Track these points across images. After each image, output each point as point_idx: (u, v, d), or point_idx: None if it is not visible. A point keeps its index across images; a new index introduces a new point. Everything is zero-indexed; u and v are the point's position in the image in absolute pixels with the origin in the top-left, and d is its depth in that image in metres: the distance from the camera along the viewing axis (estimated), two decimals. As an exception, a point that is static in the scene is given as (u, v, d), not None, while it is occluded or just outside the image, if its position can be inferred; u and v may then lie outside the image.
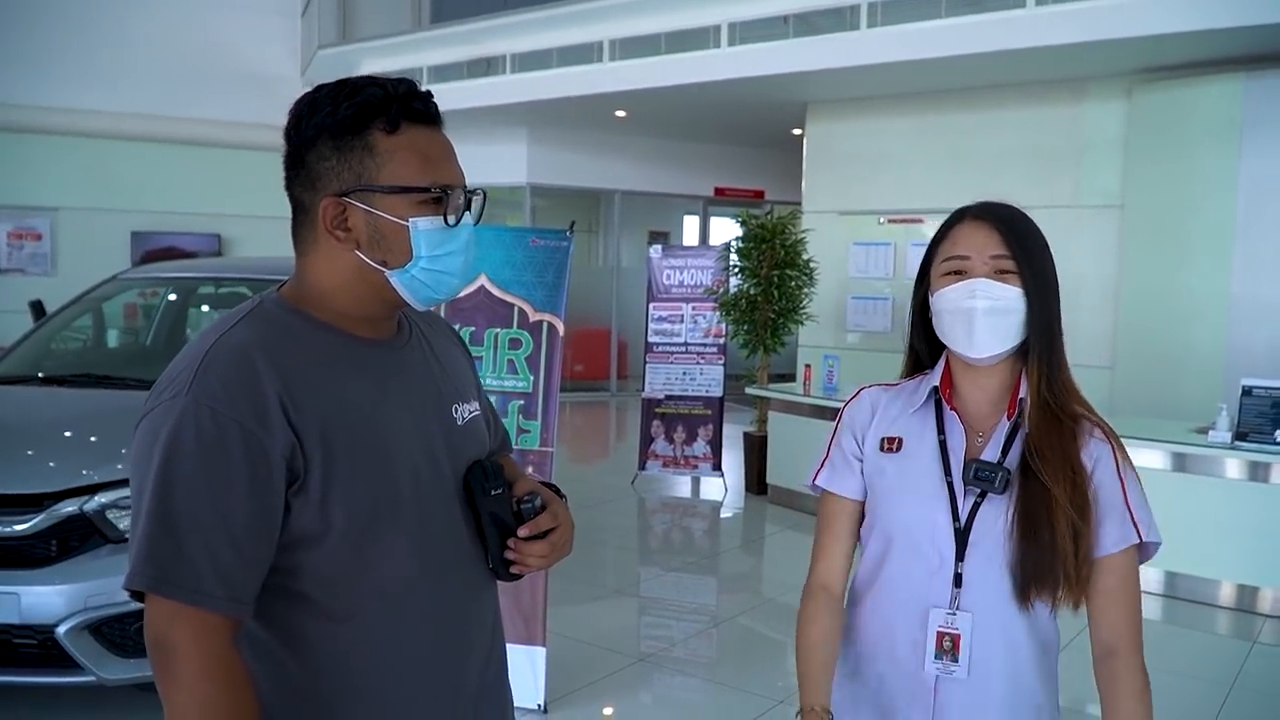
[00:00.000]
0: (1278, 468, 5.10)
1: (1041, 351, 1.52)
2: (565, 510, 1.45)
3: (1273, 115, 6.89)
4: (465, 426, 1.43)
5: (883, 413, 1.65)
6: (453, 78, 11.17)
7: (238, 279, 5.26)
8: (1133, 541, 1.50)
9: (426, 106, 1.30)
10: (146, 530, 1.16)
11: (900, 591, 1.56)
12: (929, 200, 8.84)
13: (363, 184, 1.26)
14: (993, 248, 1.52)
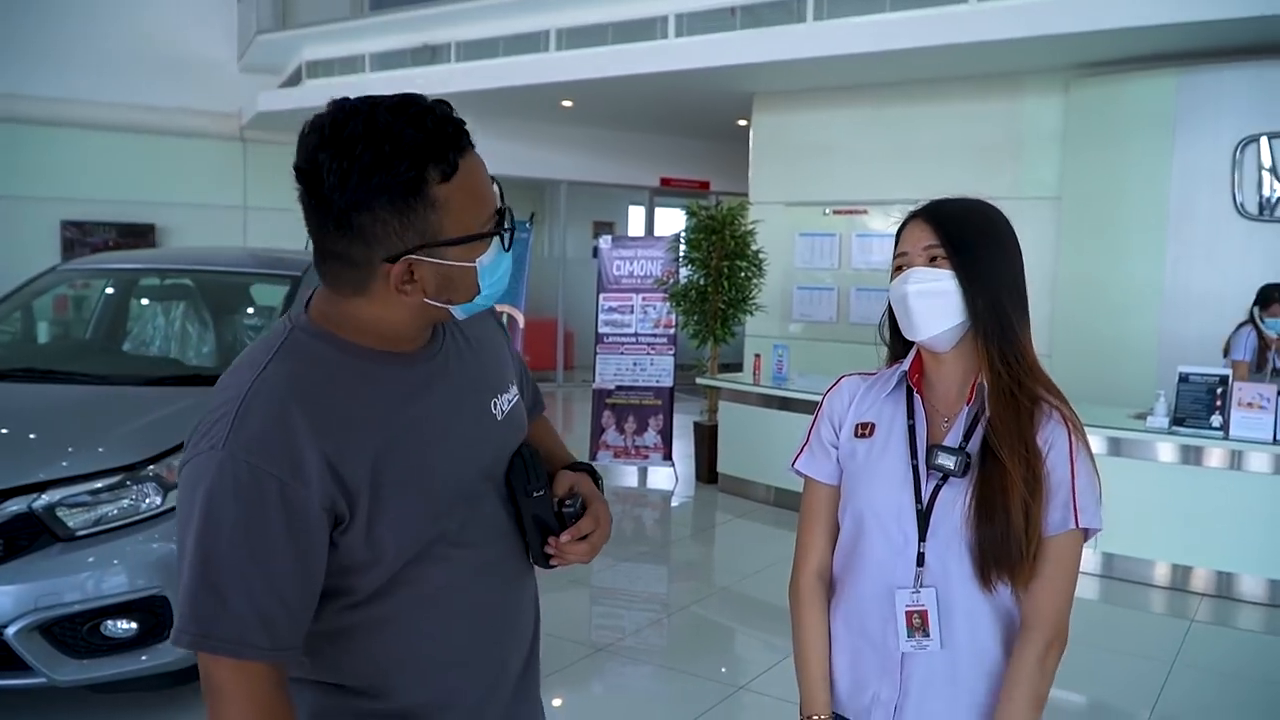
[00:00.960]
0: (1212, 452, 5.28)
1: (988, 332, 1.58)
2: (605, 509, 1.46)
3: (1204, 110, 7.11)
4: (506, 419, 1.43)
5: (859, 400, 1.72)
6: (396, 66, 11.04)
7: (181, 270, 5.15)
8: (1070, 526, 1.55)
9: (466, 135, 1.23)
10: (189, 587, 1.17)
11: (870, 570, 1.63)
12: (874, 192, 8.97)
13: (428, 239, 1.21)
14: (925, 240, 1.61)
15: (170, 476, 3.43)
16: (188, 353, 4.79)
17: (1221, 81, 7.07)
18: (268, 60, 12.77)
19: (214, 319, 4.85)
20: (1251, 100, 6.94)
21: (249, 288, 5.19)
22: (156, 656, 3.31)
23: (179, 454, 3.37)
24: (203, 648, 1.16)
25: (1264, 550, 5.25)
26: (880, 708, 1.61)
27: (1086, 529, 1.56)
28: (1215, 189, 7.08)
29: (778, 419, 6.87)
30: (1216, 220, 7.11)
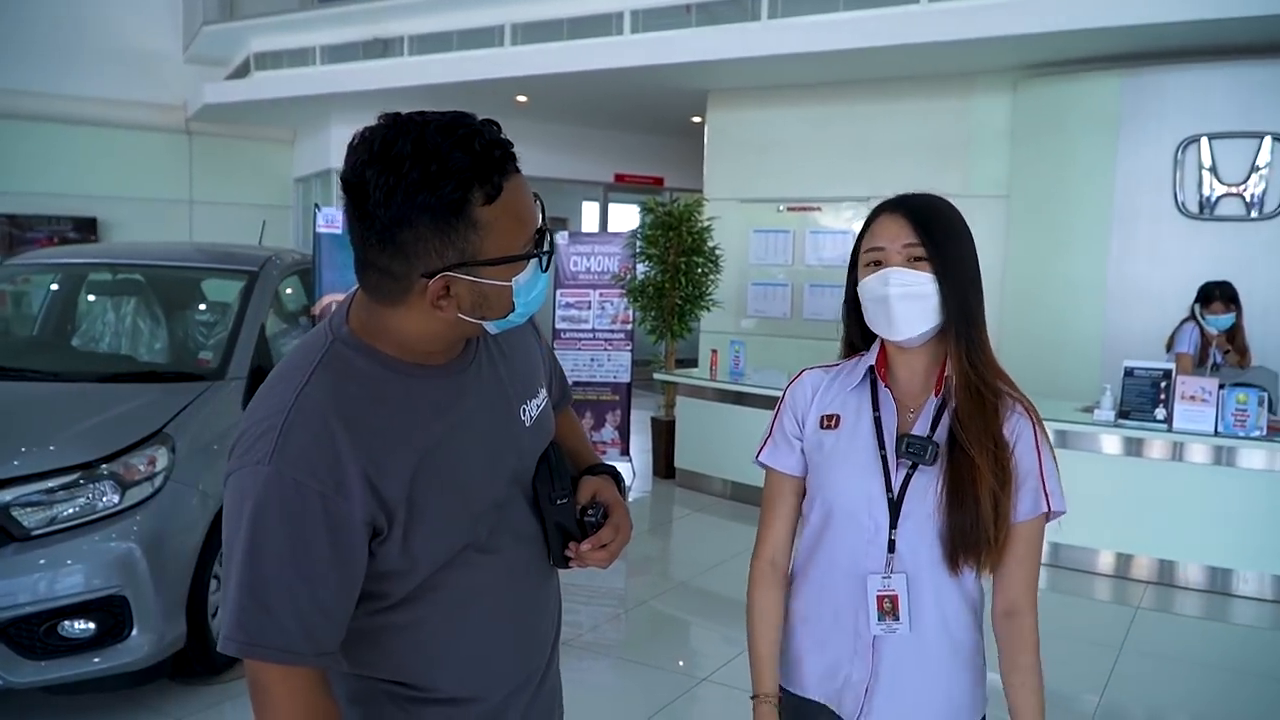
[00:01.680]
0: (1156, 444, 5.43)
1: (960, 331, 1.63)
2: (626, 517, 1.50)
3: (1148, 111, 7.29)
4: (534, 425, 1.47)
5: (823, 393, 1.75)
6: (348, 58, 10.94)
7: (133, 265, 5.07)
8: (1042, 510, 1.62)
9: (513, 158, 1.25)
10: (236, 598, 1.20)
11: (840, 558, 1.67)
12: (827, 189, 9.08)
13: (467, 259, 1.22)
14: (905, 237, 1.62)
15: (128, 474, 3.39)
16: (139, 349, 4.72)
17: (1164, 83, 7.26)
18: (214, 52, 12.58)
19: (166, 315, 4.78)
20: (1193, 102, 7.13)
21: (201, 283, 5.13)
22: (116, 657, 3.28)
23: (137, 451, 3.35)
24: (250, 655, 1.21)
25: (1203, 539, 5.41)
26: (851, 689, 1.66)
27: (1055, 512, 1.64)
28: (1157, 188, 7.27)
29: (734, 414, 6.93)
30: (1159, 219, 7.30)
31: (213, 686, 3.77)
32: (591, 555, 1.46)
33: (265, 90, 11.57)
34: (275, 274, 4.73)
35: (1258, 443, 5.19)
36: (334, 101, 11.37)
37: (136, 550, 3.31)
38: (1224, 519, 5.35)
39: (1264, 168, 6.92)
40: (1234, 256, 6.85)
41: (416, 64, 10.28)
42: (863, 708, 1.65)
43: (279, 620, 1.20)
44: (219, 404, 3.95)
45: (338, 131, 12.34)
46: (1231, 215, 7.07)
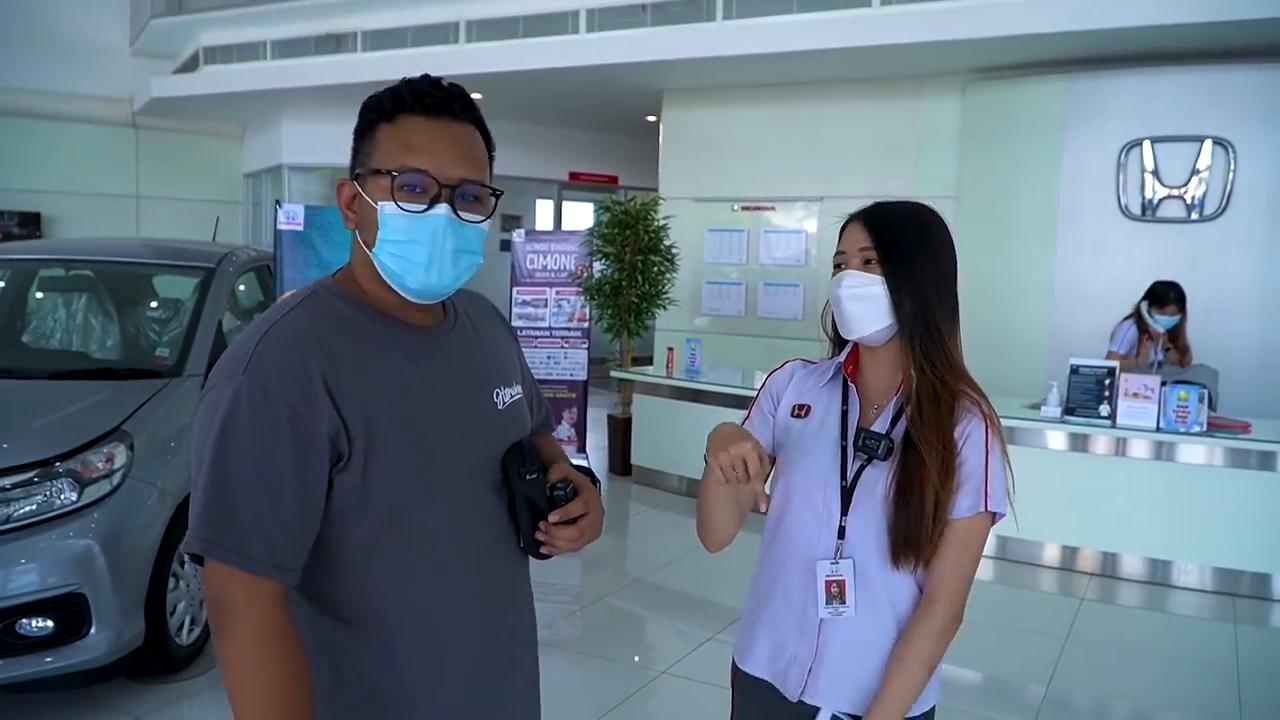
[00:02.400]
0: (1099, 439, 5.59)
1: (914, 333, 1.70)
2: (597, 498, 1.52)
3: (1092, 115, 7.47)
4: (506, 410, 1.51)
5: (799, 383, 1.85)
6: (299, 53, 10.84)
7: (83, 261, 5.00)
8: (980, 510, 1.68)
9: (419, 99, 1.36)
10: (203, 500, 1.27)
11: (795, 540, 1.75)
12: (781, 189, 9.18)
13: (358, 167, 1.39)
14: (861, 242, 1.72)
15: (86, 472, 3.36)
16: (91, 346, 4.67)
17: (1108, 88, 7.45)
18: (162, 45, 12.39)
19: (118, 311, 4.73)
20: (1135, 106, 7.33)
21: (154, 279, 5.08)
22: (75, 655, 3.25)
23: (96, 448, 3.33)
24: (213, 555, 1.25)
25: (1145, 531, 5.58)
26: (797, 667, 1.73)
27: (994, 514, 1.70)
28: (1101, 190, 7.46)
29: (691, 411, 6.99)
30: (1102, 220, 7.49)
31: (171, 685, 3.75)
32: (561, 532, 1.46)
33: (215, 85, 11.42)
34: (232, 271, 4.70)
35: (1198, 438, 5.35)
36: (286, 97, 11.26)
37: (95, 548, 3.28)
38: (1165, 512, 5.52)
39: (1204, 171, 7.13)
40: (1175, 257, 7.06)
41: (370, 60, 10.22)
42: (805, 686, 1.71)
43: (242, 524, 1.25)
44: (177, 401, 3.92)
45: (289, 127, 12.22)
46: (1173, 217, 7.28)
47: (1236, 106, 7.05)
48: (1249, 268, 7.11)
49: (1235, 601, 5.30)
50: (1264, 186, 7.03)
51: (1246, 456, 5.32)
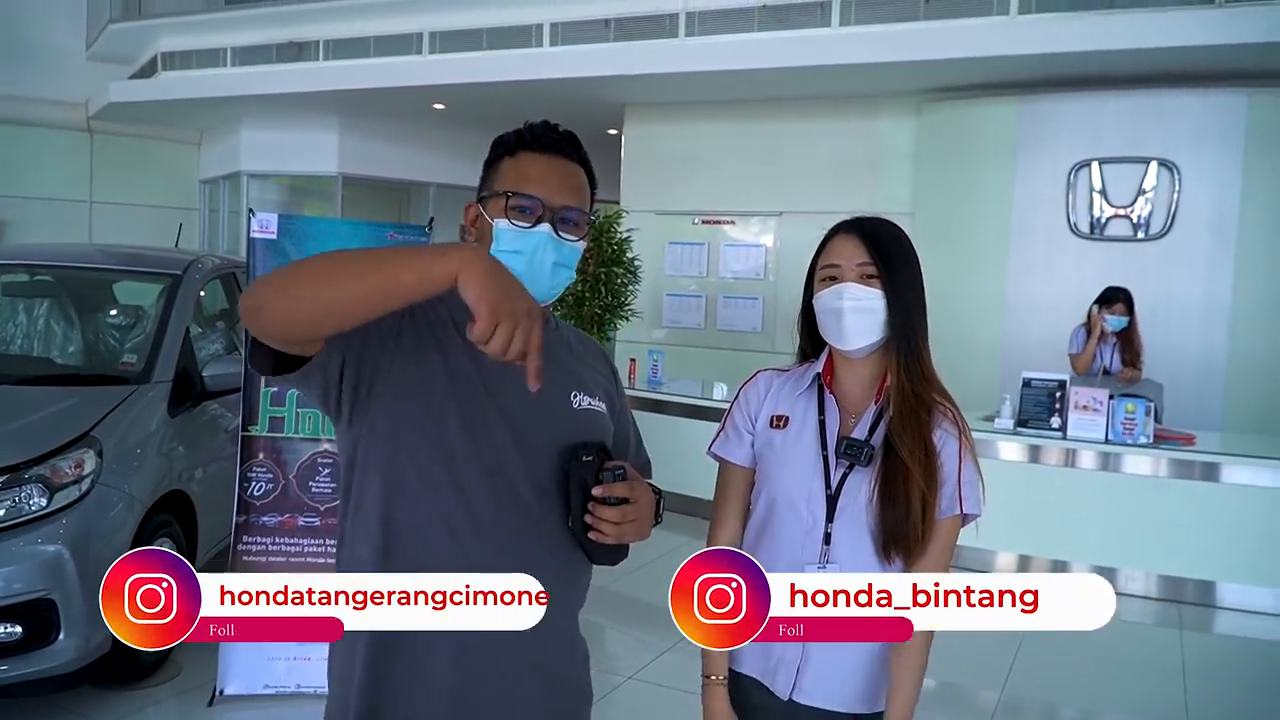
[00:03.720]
0: (1050, 450, 5.75)
1: (901, 345, 1.79)
2: (646, 494, 1.56)
3: (1043, 136, 7.69)
4: (581, 412, 1.61)
5: (774, 394, 1.89)
6: (260, 61, 10.79)
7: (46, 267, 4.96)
8: (956, 512, 1.78)
9: (538, 139, 1.60)
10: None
11: (780, 547, 1.81)
12: (741, 203, 9.32)
13: (483, 191, 1.62)
14: (859, 256, 1.78)
15: (55, 477, 3.36)
16: (54, 352, 4.65)
17: (1058, 110, 7.67)
18: (119, 50, 12.26)
19: (81, 318, 4.71)
20: (1085, 128, 7.55)
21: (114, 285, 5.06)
22: (43, 661, 3.25)
23: (65, 454, 3.33)
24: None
25: (1093, 540, 5.74)
26: (784, 668, 1.80)
27: (968, 514, 1.79)
28: (1052, 209, 7.67)
29: (652, 421, 7.04)
30: (1053, 238, 7.70)
31: (137, 692, 3.74)
32: (602, 513, 1.49)
33: (173, 90, 11.32)
34: (198, 277, 4.70)
35: (1144, 450, 5.53)
36: (245, 104, 11.20)
37: (64, 553, 3.28)
38: (1113, 522, 5.69)
39: (1150, 191, 7.36)
40: (1122, 274, 7.23)
41: (332, 69, 10.20)
42: (794, 685, 1.78)
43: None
44: (145, 407, 3.93)
45: (248, 135, 12.13)
46: (1120, 235, 7.50)
47: (1181, 129, 7.30)
48: (1192, 285, 7.35)
49: (1180, 608, 5.47)
50: (1206, 207, 7.28)
51: (1191, 467, 5.51)
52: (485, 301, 1.22)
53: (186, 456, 4.12)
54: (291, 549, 3.70)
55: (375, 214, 12.41)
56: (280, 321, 1.35)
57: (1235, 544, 5.49)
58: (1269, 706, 4.52)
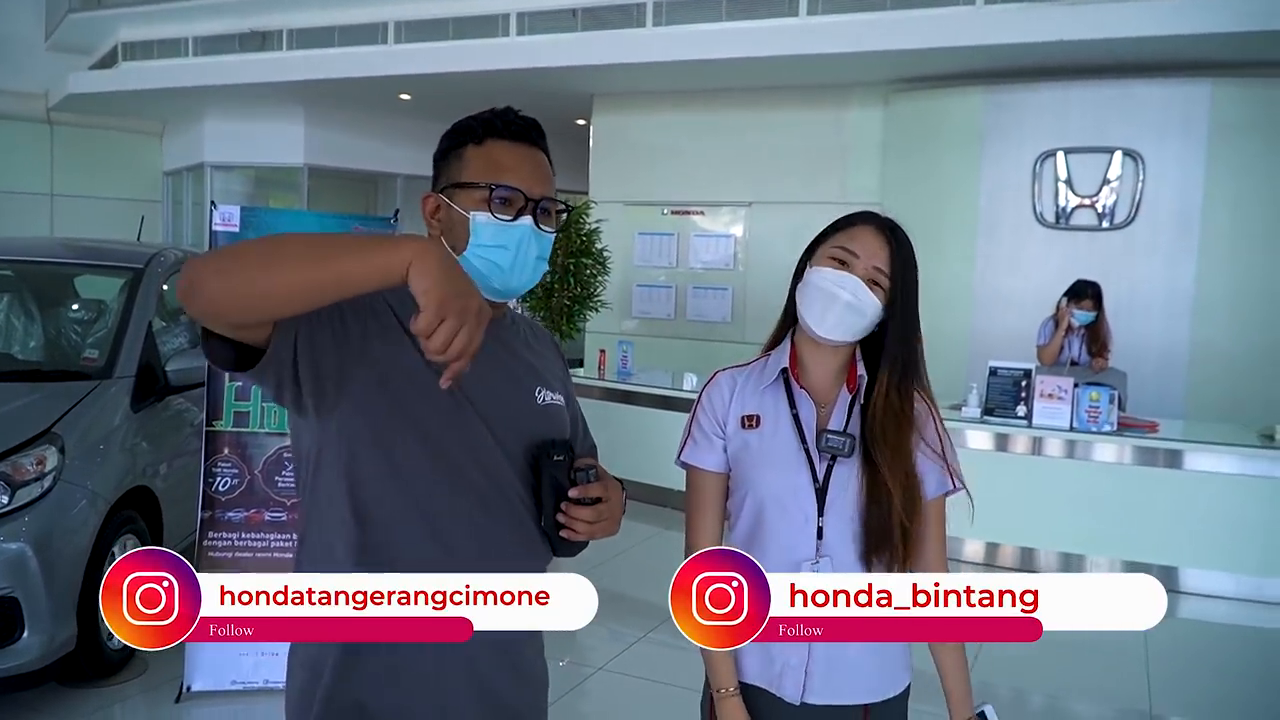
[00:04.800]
0: (1018, 438, 5.80)
1: (898, 357, 1.76)
2: (618, 491, 1.58)
3: (1008, 126, 7.74)
4: (545, 407, 1.60)
5: (739, 393, 1.83)
6: (223, 51, 10.65)
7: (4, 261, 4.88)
8: (947, 489, 1.78)
9: (508, 126, 1.55)
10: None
11: (773, 548, 1.75)
12: (710, 193, 9.32)
13: (444, 182, 1.56)
14: (878, 259, 1.72)
15: (17, 474, 3.31)
16: (14, 347, 4.57)
17: (1024, 100, 7.73)
18: (79, 39, 12.06)
19: (41, 312, 4.64)
20: (1050, 118, 7.61)
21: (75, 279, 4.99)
22: (6, 659, 3.21)
23: (27, 451, 3.28)
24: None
25: (1059, 527, 5.80)
26: (791, 673, 1.75)
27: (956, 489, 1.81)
28: (1018, 199, 7.73)
29: (622, 412, 7.06)
30: (1019, 227, 7.76)
31: (102, 690, 3.70)
32: (578, 512, 1.50)
33: (134, 81, 11.15)
34: (161, 271, 4.64)
35: (1108, 437, 5.60)
36: (208, 94, 11.04)
37: (27, 550, 3.24)
38: (1078, 509, 5.74)
39: (1114, 180, 7.44)
40: (1087, 264, 7.32)
41: (296, 59, 10.08)
42: (805, 689, 1.75)
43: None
44: (107, 403, 3.88)
45: (212, 125, 11.99)
46: (1085, 225, 7.58)
47: (1145, 119, 7.37)
48: (1155, 274, 7.43)
49: (1143, 593, 5.54)
50: (1170, 196, 7.36)
51: (1155, 455, 5.58)
52: (434, 295, 1.19)
53: (151, 452, 4.07)
54: (258, 544, 3.67)
55: (342, 205, 12.32)
56: (216, 303, 1.27)
57: (1198, 530, 5.56)
58: (1231, 689, 4.60)
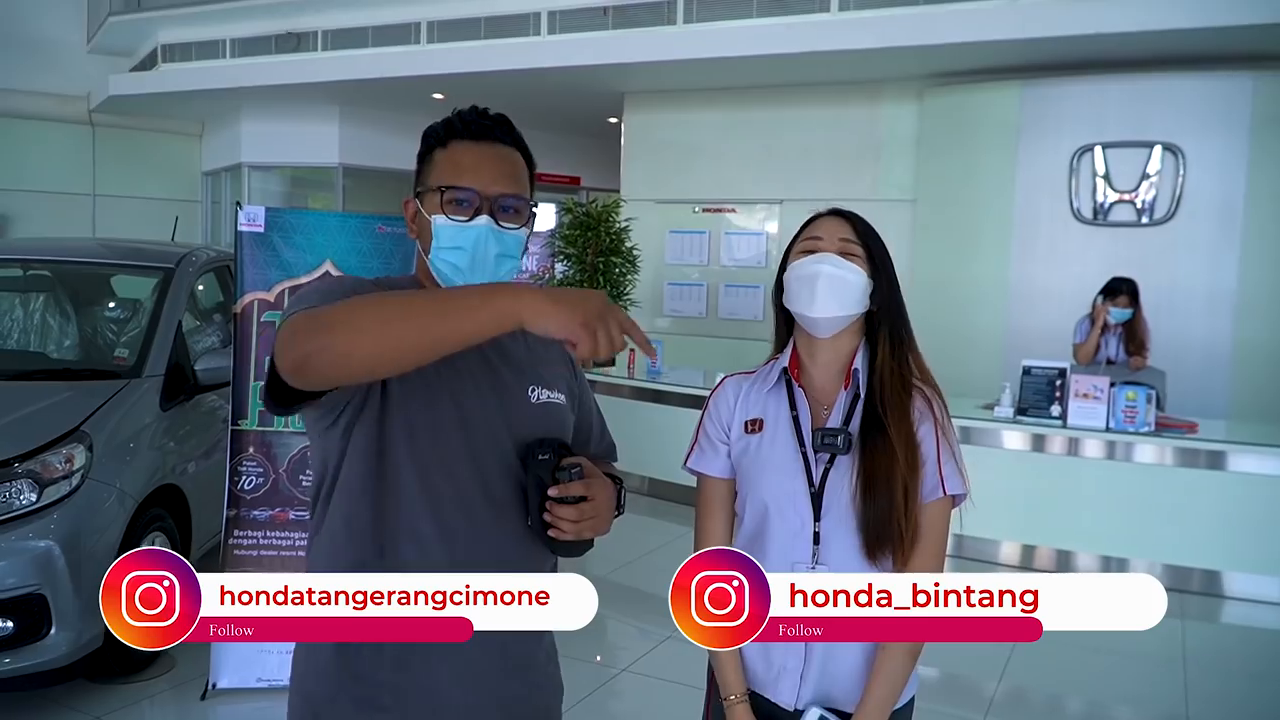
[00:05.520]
0: (1052, 439, 5.70)
1: (891, 328, 1.76)
2: (604, 491, 1.56)
3: (1045, 120, 7.62)
4: (538, 406, 1.61)
5: (744, 399, 1.83)
6: (259, 52, 10.76)
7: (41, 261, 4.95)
8: (939, 495, 1.73)
9: (467, 126, 1.56)
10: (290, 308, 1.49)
11: (773, 554, 1.74)
12: (741, 191, 9.27)
13: (418, 186, 1.59)
14: (843, 232, 1.76)
15: (46, 473, 3.35)
16: (49, 346, 4.64)
17: (1061, 94, 7.60)
18: (119, 42, 12.24)
19: (77, 312, 4.70)
20: (1088, 112, 7.49)
21: (111, 279, 5.05)
22: (35, 655, 3.25)
23: (55, 449, 3.32)
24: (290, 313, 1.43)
25: (1097, 529, 5.70)
26: (788, 676, 1.74)
27: (954, 496, 1.75)
28: (1055, 194, 7.61)
29: (652, 411, 7.03)
30: (1056, 223, 7.64)
31: (130, 685, 3.74)
32: (560, 512, 1.49)
33: (173, 83, 11.31)
34: (191, 271, 4.68)
35: (1148, 438, 5.48)
36: (245, 95, 11.18)
37: (55, 548, 3.27)
38: (1116, 511, 5.64)
39: (1153, 175, 7.30)
40: (1126, 260, 7.19)
41: (331, 59, 10.17)
42: (799, 693, 1.73)
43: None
44: (136, 402, 3.91)
45: (249, 125, 12.12)
46: (1123, 221, 7.44)
47: (1185, 113, 7.23)
48: (1196, 270, 7.28)
49: (1183, 598, 5.43)
50: (1211, 191, 7.21)
51: (1196, 456, 5.45)
52: (568, 325, 1.23)
53: (179, 450, 4.11)
54: (283, 543, 3.69)
55: (378, 204, 12.40)
56: (331, 373, 1.35)
57: (1242, 533, 5.44)
58: (1272, 695, 4.49)
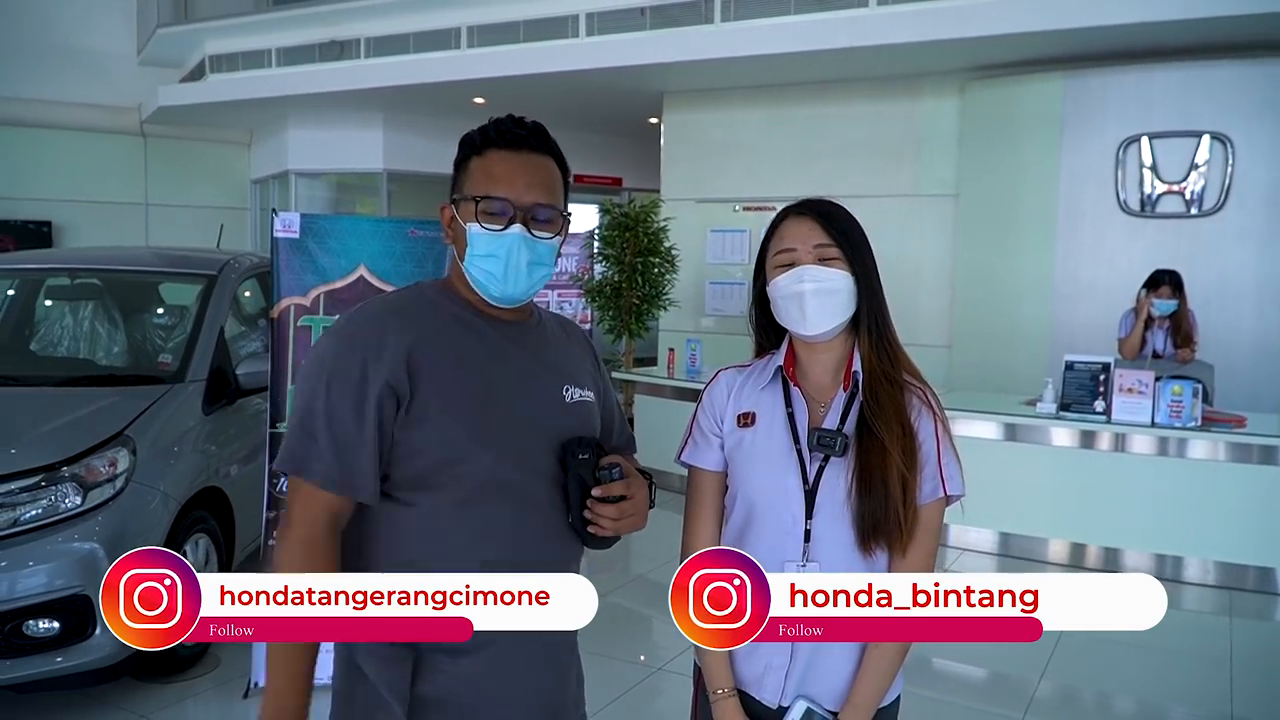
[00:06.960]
0: (1095, 435, 5.60)
1: (871, 325, 1.74)
2: (643, 489, 1.65)
3: (1089, 112, 7.49)
4: (573, 405, 1.67)
5: (738, 392, 1.82)
6: (304, 60, 10.91)
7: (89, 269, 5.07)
8: (940, 495, 1.71)
9: (503, 135, 1.60)
10: (290, 424, 1.57)
11: (761, 550, 1.71)
12: (782, 189, 9.20)
13: (455, 193, 1.64)
14: (816, 238, 1.71)
15: (90, 476, 3.43)
16: (98, 353, 4.75)
17: (1106, 85, 7.46)
18: (168, 54, 12.49)
19: (124, 319, 4.81)
20: (1133, 103, 7.34)
21: (159, 286, 5.16)
22: (80, 655, 3.32)
23: (99, 453, 3.39)
24: (281, 467, 1.55)
25: (1147, 527, 5.59)
26: (773, 674, 1.73)
27: (951, 496, 1.73)
28: (1100, 186, 7.48)
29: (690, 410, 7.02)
30: (1101, 216, 7.51)
31: (175, 685, 3.82)
32: (602, 510, 1.58)
33: (221, 93, 11.52)
34: (234, 277, 4.77)
35: (1196, 433, 5.36)
36: (291, 103, 11.35)
37: (99, 550, 3.35)
38: (1164, 507, 5.53)
39: (1202, 166, 7.14)
40: (1174, 252, 7.06)
41: (374, 66, 10.29)
42: (784, 691, 1.72)
43: (304, 440, 1.51)
44: (179, 406, 3.99)
45: (295, 133, 12.31)
46: (1172, 212, 7.29)
47: (1233, 101, 7.06)
48: (1247, 262, 7.12)
49: (1233, 595, 5.32)
50: (1262, 180, 7.04)
51: (1247, 451, 5.33)
52: None
53: (222, 453, 4.19)
54: (321, 544, 3.73)
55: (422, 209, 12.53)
56: None
57: (1295, 529, 5.31)
58: (1326, 696, 4.38)
